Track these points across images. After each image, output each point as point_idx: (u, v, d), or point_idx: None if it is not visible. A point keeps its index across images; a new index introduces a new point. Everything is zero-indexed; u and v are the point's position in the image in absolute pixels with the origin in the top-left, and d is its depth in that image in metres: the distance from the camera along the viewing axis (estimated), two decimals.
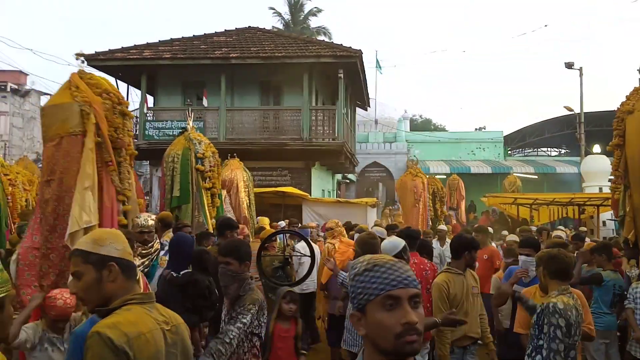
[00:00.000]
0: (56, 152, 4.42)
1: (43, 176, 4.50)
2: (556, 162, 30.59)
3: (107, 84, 4.98)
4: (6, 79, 41.02)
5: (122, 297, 1.82)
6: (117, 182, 4.67)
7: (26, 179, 9.29)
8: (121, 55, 16.05)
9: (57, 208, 4.29)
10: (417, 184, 12.56)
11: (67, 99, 4.55)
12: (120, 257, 1.85)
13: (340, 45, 16.17)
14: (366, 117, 31.12)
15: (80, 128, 4.43)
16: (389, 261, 1.41)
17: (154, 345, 1.74)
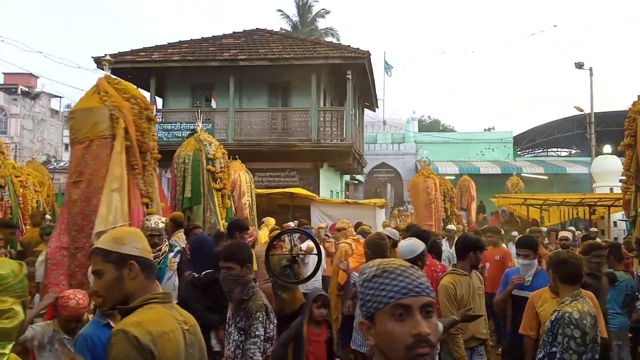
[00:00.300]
0: (86, 154, 4.56)
1: (71, 177, 4.62)
2: (566, 163, 30.36)
3: (134, 90, 5.13)
4: (17, 82, 41.46)
5: (143, 296, 1.82)
6: (141, 185, 4.83)
7: (37, 181, 9.36)
8: (130, 57, 16.15)
9: (84, 209, 4.43)
10: (429, 185, 12.59)
11: (96, 103, 4.68)
12: (140, 255, 1.85)
13: (348, 46, 16.17)
14: (374, 118, 31.10)
15: (110, 132, 4.59)
16: (399, 266, 1.32)
17: (176, 344, 1.76)
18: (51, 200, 10.40)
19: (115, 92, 4.83)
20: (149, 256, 1.89)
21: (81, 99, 4.94)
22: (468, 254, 3.99)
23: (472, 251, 4.04)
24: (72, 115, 4.82)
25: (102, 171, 4.49)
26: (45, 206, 9.35)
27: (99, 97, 4.72)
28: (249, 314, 2.97)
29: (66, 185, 4.83)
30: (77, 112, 4.81)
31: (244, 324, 3.00)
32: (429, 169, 13.48)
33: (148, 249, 1.90)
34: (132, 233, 1.92)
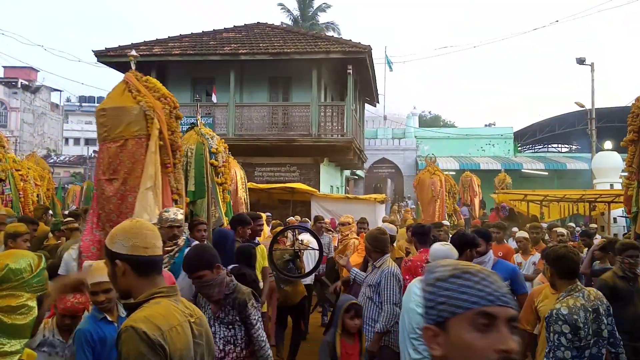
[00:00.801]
0: (120, 152, 4.65)
1: (103, 174, 4.68)
2: (567, 159, 30.35)
3: (163, 88, 5.20)
4: (17, 76, 41.40)
5: (149, 291, 1.82)
6: (172, 182, 4.99)
7: (37, 175, 9.35)
8: (131, 51, 16.10)
9: (120, 206, 4.57)
10: (435, 181, 12.80)
11: (130, 102, 4.74)
12: (128, 253, 1.82)
13: (349, 41, 16.12)
14: (375, 113, 31.07)
15: (145, 132, 4.68)
16: (482, 270, 1.17)
17: (185, 337, 1.77)
18: (51, 194, 10.40)
19: (147, 90, 4.90)
20: (142, 253, 1.83)
21: (110, 96, 4.97)
22: (465, 251, 3.99)
23: (468, 248, 4.04)
24: (103, 113, 4.82)
25: (138, 170, 4.60)
26: (45, 200, 9.35)
27: (132, 96, 4.78)
28: (239, 306, 2.99)
29: (95, 180, 4.92)
30: (108, 110, 4.82)
31: (232, 318, 3.01)
32: (435, 166, 13.63)
33: (143, 246, 1.85)
34: (125, 230, 1.88)
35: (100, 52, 16.15)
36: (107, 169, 4.68)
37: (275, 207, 12.67)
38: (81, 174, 40.59)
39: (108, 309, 2.92)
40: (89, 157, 42.10)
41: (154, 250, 1.86)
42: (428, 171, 13.43)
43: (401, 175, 30.76)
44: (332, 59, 15.64)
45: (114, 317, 2.94)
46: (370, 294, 4.23)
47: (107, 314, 2.91)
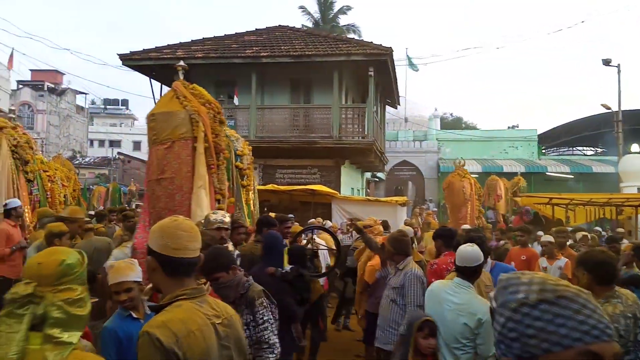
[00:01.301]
0: (168, 154, 4.95)
1: (152, 175, 5.00)
2: (592, 162, 29.78)
3: (208, 95, 5.56)
4: (43, 79, 42.33)
5: (173, 293, 1.82)
6: (216, 183, 5.22)
7: (64, 175, 9.55)
8: (155, 55, 16.34)
9: (168, 204, 4.83)
10: (465, 184, 12.82)
11: (177, 107, 5.07)
12: (159, 251, 1.83)
13: (371, 43, 16.07)
14: (396, 115, 30.92)
15: (190, 134, 4.97)
16: (578, 293, 0.97)
17: (204, 342, 1.75)
18: (77, 194, 10.60)
19: (193, 96, 5.22)
20: (171, 254, 1.82)
21: (160, 103, 5.39)
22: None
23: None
24: (152, 118, 5.14)
25: (184, 170, 4.87)
26: (72, 200, 9.53)
27: (179, 102, 5.10)
28: (250, 304, 2.99)
29: (146, 181, 5.20)
30: (157, 114, 5.15)
31: (247, 319, 2.99)
32: (464, 169, 13.63)
33: (174, 247, 1.83)
34: (161, 228, 1.89)
35: (125, 56, 16.42)
36: (156, 170, 4.96)
37: (296, 209, 12.68)
38: (106, 175, 41.28)
39: (132, 307, 2.97)
40: (113, 159, 42.81)
41: (185, 252, 1.84)
42: (458, 174, 13.38)
43: (422, 177, 30.55)
44: (354, 61, 15.62)
45: (140, 314, 2.99)
46: (394, 296, 4.21)
47: (133, 311, 2.97)
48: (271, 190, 12.44)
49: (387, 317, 4.24)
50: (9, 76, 27.84)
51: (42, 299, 1.51)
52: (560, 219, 13.90)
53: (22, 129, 7.65)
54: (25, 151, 7.20)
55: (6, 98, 26.06)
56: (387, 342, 4.20)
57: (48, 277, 1.56)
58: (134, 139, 54.93)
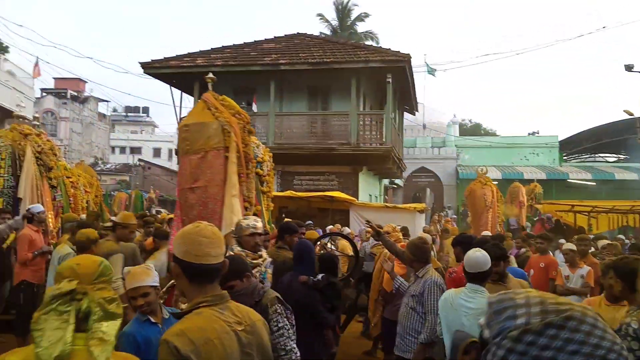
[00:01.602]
0: (201, 163, 5.18)
1: (185, 183, 5.24)
2: (615, 169, 29.26)
3: (237, 106, 5.81)
4: (66, 87, 43.18)
5: (194, 300, 1.84)
6: (245, 191, 5.42)
7: (86, 182, 9.71)
8: (175, 63, 16.56)
9: (202, 212, 5.02)
10: (486, 192, 12.94)
11: (209, 118, 5.30)
12: (181, 257, 1.85)
13: (389, 49, 16.07)
14: (414, 122, 30.81)
15: (222, 144, 5.19)
16: (585, 312, 0.86)
17: (224, 350, 1.76)
18: (99, 200, 10.75)
19: (223, 107, 5.46)
20: (192, 260, 1.84)
21: (191, 114, 5.67)
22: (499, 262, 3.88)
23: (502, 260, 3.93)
24: (186, 128, 5.38)
25: (217, 179, 5.07)
26: (94, 206, 9.68)
27: (211, 113, 5.32)
28: (261, 312, 2.85)
29: (178, 190, 5.43)
30: (191, 125, 5.39)
31: None
32: (487, 177, 13.75)
33: (195, 253, 1.85)
34: (184, 234, 1.91)
35: (146, 64, 16.68)
36: (190, 179, 5.18)
37: (314, 215, 12.70)
38: (127, 182, 41.85)
39: (150, 311, 3.00)
40: (134, 165, 43.39)
41: (207, 259, 1.85)
42: (479, 182, 13.50)
43: (441, 184, 30.34)
44: (372, 68, 15.62)
45: (158, 319, 3.02)
46: (413, 304, 4.17)
47: (151, 315, 3.00)
48: (289, 196, 12.48)
49: (407, 324, 4.20)
50: (33, 84, 28.45)
51: (84, 295, 1.56)
52: (582, 227, 13.67)
53: (46, 136, 7.81)
54: (49, 158, 7.35)
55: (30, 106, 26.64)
56: (407, 350, 4.17)
57: (88, 275, 1.61)
58: (154, 145, 55.66)
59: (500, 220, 13.32)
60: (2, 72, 24.24)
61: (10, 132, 7.22)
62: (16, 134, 7.13)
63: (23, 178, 6.80)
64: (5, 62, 25.45)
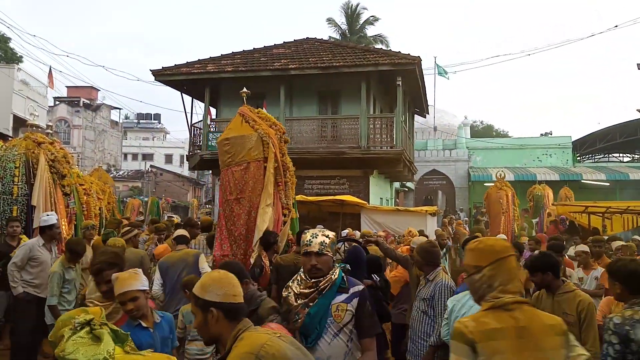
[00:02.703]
0: (245, 175, 5.50)
1: (230, 195, 5.55)
2: (629, 168, 28.87)
3: (272, 118, 6.16)
4: (79, 95, 43.69)
5: (232, 334, 1.98)
6: (283, 199, 5.70)
7: (99, 189, 9.80)
8: (186, 69, 16.69)
9: (247, 221, 5.31)
10: (501, 195, 13.60)
11: (249, 131, 5.62)
12: (221, 301, 1.98)
13: (399, 52, 16.05)
14: (425, 124, 30.68)
15: (262, 155, 5.50)
16: None
17: (278, 345, 1.91)
18: (112, 207, 10.85)
19: (260, 119, 5.77)
20: (232, 300, 2.00)
21: (230, 128, 5.99)
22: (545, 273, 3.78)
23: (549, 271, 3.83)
24: (226, 142, 5.68)
25: (258, 189, 5.38)
26: (107, 212, 9.77)
27: (250, 126, 5.63)
28: (259, 321, 2.80)
29: (221, 201, 5.71)
30: (231, 139, 5.72)
31: None
32: (504, 182, 14.44)
33: (232, 293, 2.01)
34: (217, 280, 2.04)
35: (157, 71, 16.82)
36: (234, 190, 5.49)
37: (325, 219, 12.68)
38: (139, 188, 42.18)
39: (140, 316, 3.00)
40: (146, 172, 43.72)
41: (240, 298, 2.05)
42: (496, 186, 14.14)
43: (452, 186, 30.16)
44: (381, 71, 15.61)
45: (149, 323, 3.03)
46: (424, 307, 4.14)
47: (142, 319, 3.00)
48: (300, 201, 12.46)
49: (419, 328, 4.16)
50: (46, 93, 28.82)
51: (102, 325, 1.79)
52: (596, 228, 13.49)
53: (59, 144, 7.89)
54: (62, 165, 7.42)
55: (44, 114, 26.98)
56: (418, 355, 4.13)
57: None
58: (166, 152, 56.08)
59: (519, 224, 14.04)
60: (16, 82, 24.59)
61: (24, 141, 7.30)
62: (30, 142, 7.21)
63: (37, 186, 6.86)
64: (19, 71, 25.79)
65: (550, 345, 1.91)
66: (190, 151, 17.78)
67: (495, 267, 2.06)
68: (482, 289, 2.09)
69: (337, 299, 2.71)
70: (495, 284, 2.05)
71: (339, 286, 2.75)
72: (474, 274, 2.12)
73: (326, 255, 2.73)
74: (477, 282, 2.11)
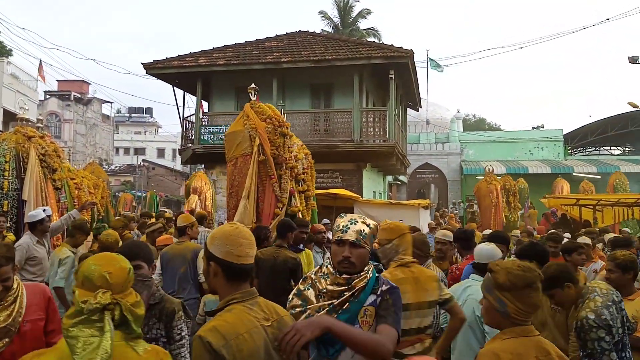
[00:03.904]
0: (234, 170, 5.71)
1: (227, 189, 5.87)
2: (620, 161, 29.09)
3: (270, 111, 6.24)
4: (70, 89, 43.33)
5: (226, 298, 1.94)
6: (277, 191, 5.77)
7: (92, 183, 9.71)
8: (178, 63, 16.58)
9: (234, 214, 5.50)
10: (491, 189, 14.47)
11: (240, 127, 5.82)
12: (222, 257, 1.91)
13: (391, 45, 16.03)
14: (417, 118, 30.71)
15: (249, 150, 5.63)
16: None
17: (253, 343, 1.85)
18: (105, 202, 10.76)
19: (255, 114, 5.92)
20: (234, 260, 1.91)
21: (232, 125, 6.25)
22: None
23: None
24: (226, 139, 5.90)
25: (244, 182, 5.54)
26: (100, 207, 9.69)
27: (242, 122, 5.81)
28: (166, 316, 2.69)
29: (227, 196, 6.03)
30: (227, 135, 6.00)
31: (156, 333, 2.66)
32: (493, 175, 15.32)
33: (237, 254, 1.91)
34: (224, 235, 1.96)
35: (148, 65, 16.70)
36: (228, 185, 5.73)
37: (318, 213, 12.67)
38: (131, 182, 41.97)
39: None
40: (139, 166, 43.51)
41: (245, 259, 1.94)
42: (485, 180, 14.91)
43: (445, 180, 30.26)
44: (374, 65, 15.59)
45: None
46: None
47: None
48: None
49: None
50: (37, 87, 28.55)
51: (116, 305, 1.69)
52: (587, 220, 13.61)
53: (50, 138, 7.82)
54: (52, 160, 7.35)
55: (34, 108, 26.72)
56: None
57: (119, 285, 1.73)
58: (158, 146, 55.81)
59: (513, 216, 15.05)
60: (5, 75, 24.33)
61: (14, 135, 7.22)
62: (20, 136, 7.13)
63: (27, 180, 6.80)
64: (8, 65, 25.51)
65: (431, 287, 3.08)
66: (183, 145, 17.70)
67: (400, 239, 3.10)
68: (391, 253, 3.10)
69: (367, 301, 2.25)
70: (400, 250, 3.09)
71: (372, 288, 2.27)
72: (386, 245, 3.09)
73: (363, 248, 2.26)
74: (388, 250, 3.10)
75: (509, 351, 2.01)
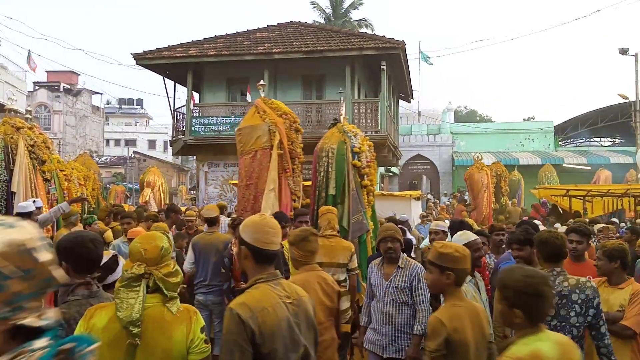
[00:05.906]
0: (252, 162, 5.96)
1: (242, 181, 6.08)
2: (610, 152, 29.32)
3: (284, 107, 6.51)
4: (59, 79, 42.79)
5: (254, 278, 2.22)
6: (291, 185, 6.06)
7: (82, 175, 9.65)
8: (168, 53, 16.43)
9: (254, 205, 5.73)
10: (482, 176, 15.22)
11: (258, 121, 6.06)
12: (252, 243, 2.20)
13: (383, 36, 15.98)
14: (409, 109, 30.72)
15: (269, 143, 5.92)
16: None
17: (276, 316, 2.12)
18: (96, 193, 10.69)
19: (271, 110, 6.15)
20: (262, 246, 2.20)
21: (245, 119, 6.54)
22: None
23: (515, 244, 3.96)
24: (239, 132, 6.12)
25: (264, 175, 5.78)
26: (91, 199, 9.63)
27: (259, 116, 6.04)
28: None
29: (238, 187, 6.28)
30: (243, 129, 6.18)
31: None
32: (482, 163, 15.94)
33: (264, 241, 2.20)
34: (254, 223, 2.26)
35: (138, 55, 16.53)
36: (244, 177, 5.95)
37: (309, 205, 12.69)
38: (122, 174, 41.70)
39: None
40: (129, 158, 43.22)
41: (271, 246, 2.23)
42: (476, 167, 15.56)
43: (437, 171, 30.35)
44: (366, 56, 15.54)
45: None
46: (404, 298, 3.89)
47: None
48: None
49: (398, 322, 3.89)
50: (25, 77, 28.21)
51: (150, 275, 2.14)
52: (577, 211, 13.73)
53: (39, 129, 7.73)
54: (42, 151, 7.28)
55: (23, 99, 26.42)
56: (400, 349, 3.87)
57: (153, 259, 2.16)
58: (149, 137, 55.42)
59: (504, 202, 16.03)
60: None
61: (2, 126, 7.12)
62: (8, 127, 7.04)
63: (16, 172, 6.73)
64: None
65: (343, 255, 4.27)
66: (174, 136, 17.59)
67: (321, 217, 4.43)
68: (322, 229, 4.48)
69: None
70: (324, 225, 4.48)
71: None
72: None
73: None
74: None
75: (299, 281, 2.80)
